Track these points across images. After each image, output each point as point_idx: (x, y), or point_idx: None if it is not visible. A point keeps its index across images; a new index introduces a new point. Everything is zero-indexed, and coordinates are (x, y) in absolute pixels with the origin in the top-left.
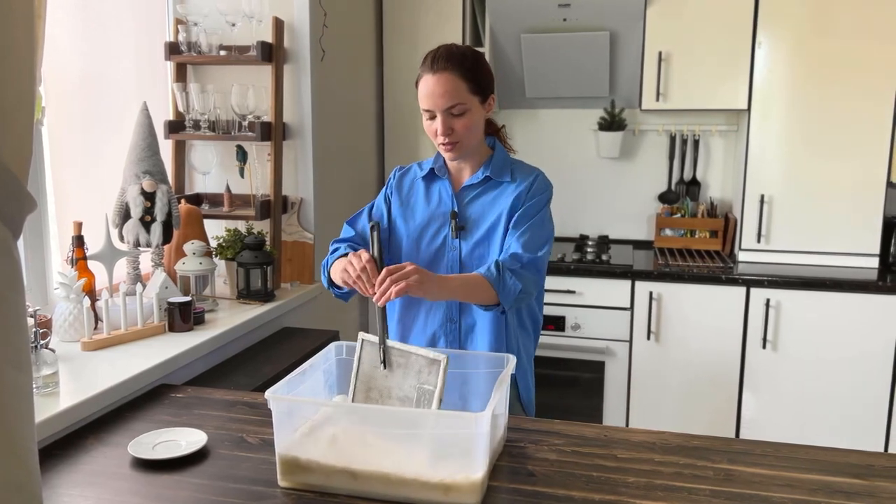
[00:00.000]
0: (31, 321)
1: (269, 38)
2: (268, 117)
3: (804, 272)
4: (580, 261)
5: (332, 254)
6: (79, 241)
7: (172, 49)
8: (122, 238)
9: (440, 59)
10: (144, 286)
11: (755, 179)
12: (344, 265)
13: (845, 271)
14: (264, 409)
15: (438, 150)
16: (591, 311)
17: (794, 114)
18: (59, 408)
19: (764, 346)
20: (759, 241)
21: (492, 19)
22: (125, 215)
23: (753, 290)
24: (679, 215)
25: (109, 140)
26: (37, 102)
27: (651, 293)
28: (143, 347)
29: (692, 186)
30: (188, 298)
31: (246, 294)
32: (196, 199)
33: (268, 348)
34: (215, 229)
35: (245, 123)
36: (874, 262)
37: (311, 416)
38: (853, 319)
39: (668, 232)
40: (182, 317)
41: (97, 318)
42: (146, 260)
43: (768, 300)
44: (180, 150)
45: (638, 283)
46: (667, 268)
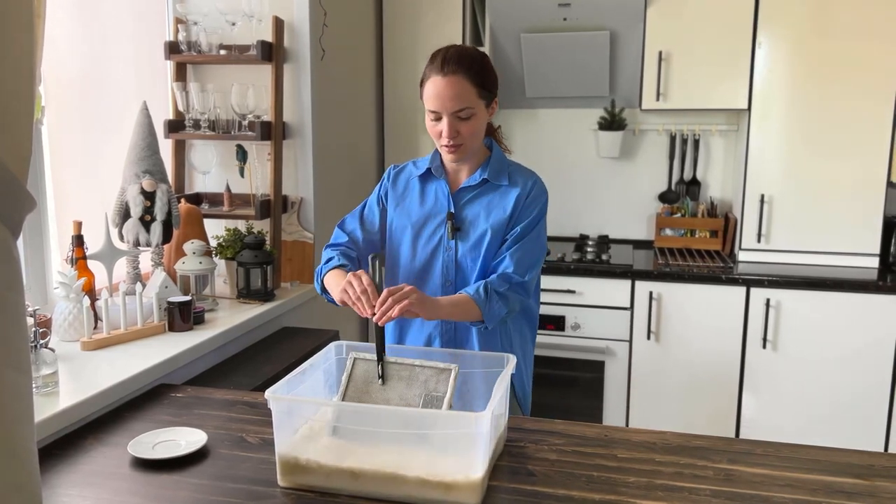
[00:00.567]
0: (31, 321)
1: (269, 37)
2: (268, 117)
3: (804, 272)
4: (580, 260)
5: (325, 263)
6: (78, 240)
7: (172, 48)
8: (121, 237)
9: (451, 61)
10: (144, 286)
11: (755, 179)
12: (343, 285)
13: (845, 271)
14: (264, 408)
15: (439, 151)
16: (591, 311)
17: (794, 113)
18: (59, 407)
19: (764, 346)
20: (759, 240)
21: (492, 18)
22: (125, 215)
23: (753, 290)
24: (679, 215)
25: (109, 139)
26: (36, 102)
27: (651, 293)
28: (143, 347)
29: (692, 186)
30: (188, 298)
31: (246, 294)
32: (196, 199)
33: (268, 348)
34: (215, 229)
35: (245, 123)
36: (874, 262)
37: (311, 415)
38: (853, 319)
39: (668, 232)
40: (182, 316)
41: (97, 318)
42: (146, 259)
43: (768, 300)
44: (180, 150)
45: (638, 283)
46: (667, 267)
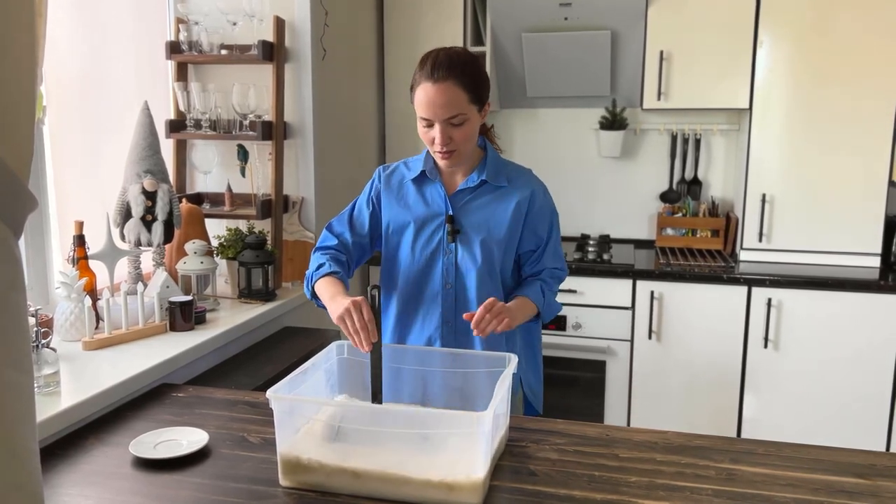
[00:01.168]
0: (33, 321)
1: (270, 37)
2: (269, 116)
3: (806, 271)
4: (581, 260)
5: (316, 269)
6: (80, 240)
7: (173, 48)
8: (123, 237)
9: (441, 67)
10: (145, 285)
11: (756, 178)
12: (342, 313)
13: (847, 270)
14: (266, 408)
15: (433, 156)
16: (593, 311)
17: (795, 113)
18: (61, 407)
19: (765, 346)
20: (760, 240)
21: (493, 18)
22: (126, 214)
23: (755, 290)
24: (680, 214)
25: (110, 139)
26: (38, 102)
27: (652, 292)
28: (145, 347)
29: (693, 186)
30: (189, 298)
31: (247, 293)
32: (197, 199)
33: (269, 348)
34: (216, 228)
35: (246, 123)
36: (876, 262)
37: (313, 415)
38: (855, 319)
39: (669, 231)
40: (183, 316)
41: (98, 318)
42: (147, 259)
43: (770, 299)
44: (181, 150)
45: (639, 283)
46: (668, 267)
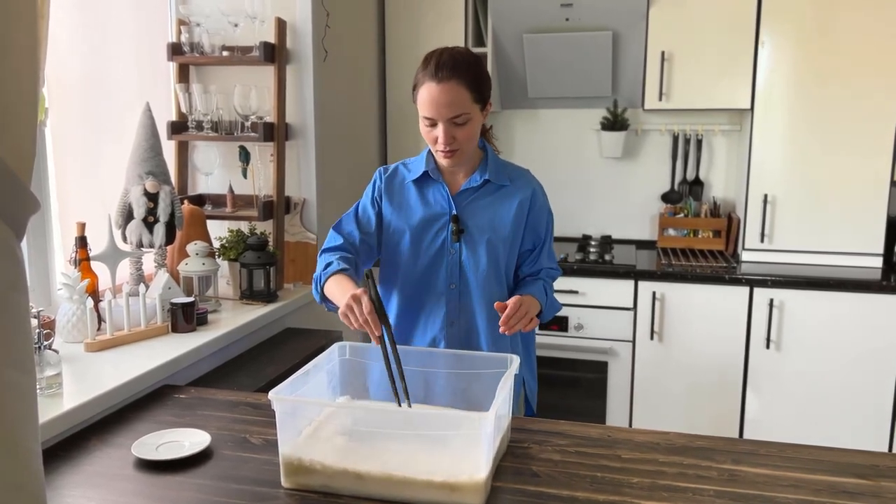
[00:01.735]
0: (35, 322)
1: (271, 38)
2: (270, 118)
3: (808, 272)
4: (583, 261)
5: (323, 270)
6: (82, 241)
7: (175, 50)
8: (125, 239)
9: (445, 67)
10: (147, 287)
11: (758, 179)
12: (343, 309)
13: (849, 271)
14: (268, 409)
15: (434, 155)
16: (594, 312)
17: (797, 113)
18: (63, 409)
19: (767, 346)
20: (762, 240)
21: (494, 19)
22: (128, 216)
23: (757, 290)
24: (682, 215)
25: (112, 141)
26: (40, 103)
27: (654, 293)
28: (147, 348)
29: (695, 186)
30: (191, 299)
31: (249, 295)
32: (199, 200)
33: (271, 349)
34: (218, 230)
35: (248, 124)
36: (878, 262)
37: (315, 416)
38: (857, 319)
39: (671, 232)
40: (185, 317)
41: (100, 319)
42: (149, 261)
43: (772, 300)
44: (183, 151)
45: (641, 283)
46: (670, 268)
